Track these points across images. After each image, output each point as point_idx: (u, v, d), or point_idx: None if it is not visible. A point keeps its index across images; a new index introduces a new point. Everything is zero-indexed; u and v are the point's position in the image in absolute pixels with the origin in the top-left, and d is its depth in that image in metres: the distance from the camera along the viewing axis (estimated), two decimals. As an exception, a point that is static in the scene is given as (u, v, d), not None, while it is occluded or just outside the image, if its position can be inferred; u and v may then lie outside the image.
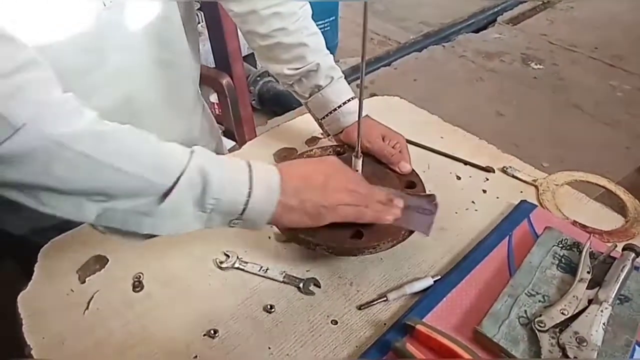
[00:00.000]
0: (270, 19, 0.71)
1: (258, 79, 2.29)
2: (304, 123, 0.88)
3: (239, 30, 0.79)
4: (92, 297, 0.60)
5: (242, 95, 1.20)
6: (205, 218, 0.50)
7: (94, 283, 0.62)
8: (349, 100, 0.75)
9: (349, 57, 2.74)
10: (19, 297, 0.59)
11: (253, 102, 2.33)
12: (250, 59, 2.26)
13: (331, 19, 2.62)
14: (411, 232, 0.63)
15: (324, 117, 0.77)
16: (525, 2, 3.46)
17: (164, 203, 0.46)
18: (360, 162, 0.68)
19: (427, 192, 0.67)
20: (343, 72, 0.77)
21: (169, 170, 0.46)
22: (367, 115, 0.76)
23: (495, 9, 3.34)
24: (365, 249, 0.60)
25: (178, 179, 0.46)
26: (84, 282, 0.62)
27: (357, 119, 0.63)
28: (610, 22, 3.15)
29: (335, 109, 0.75)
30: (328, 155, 0.74)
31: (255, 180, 0.51)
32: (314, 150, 0.75)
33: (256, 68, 2.33)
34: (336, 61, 0.77)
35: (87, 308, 0.59)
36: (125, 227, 0.48)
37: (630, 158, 2.03)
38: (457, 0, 3.55)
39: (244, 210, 0.50)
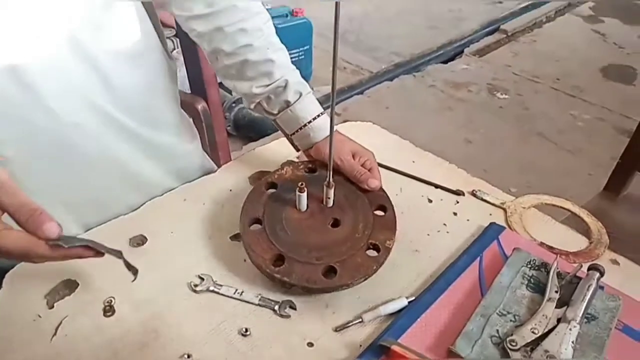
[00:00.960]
0: (236, 36, 0.72)
1: (233, 105, 2.30)
2: (279, 146, 0.88)
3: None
4: (61, 322, 0.58)
5: (218, 121, 1.20)
6: None
7: (63, 308, 0.60)
8: (318, 116, 0.76)
9: (323, 86, 2.78)
10: (-18, 324, 0.57)
11: (228, 127, 2.33)
12: (225, 86, 2.28)
13: (305, 48, 2.67)
14: (382, 264, 0.64)
15: (293, 133, 0.77)
16: (491, 35, 3.61)
17: None
18: (332, 191, 0.69)
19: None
20: (317, 99, 0.78)
21: None
22: (336, 130, 0.77)
23: (462, 41, 3.47)
24: (339, 287, 0.62)
25: None
26: (52, 307, 0.60)
27: (327, 135, 0.65)
28: (570, 56, 3.32)
29: (305, 125, 0.75)
30: (299, 173, 0.76)
31: None
32: (285, 169, 0.76)
33: (231, 95, 2.35)
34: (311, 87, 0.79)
35: (54, 334, 0.57)
36: None
37: (592, 184, 2.11)
38: (427, 32, 3.68)
39: None
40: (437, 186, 0.83)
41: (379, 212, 0.71)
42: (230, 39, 0.72)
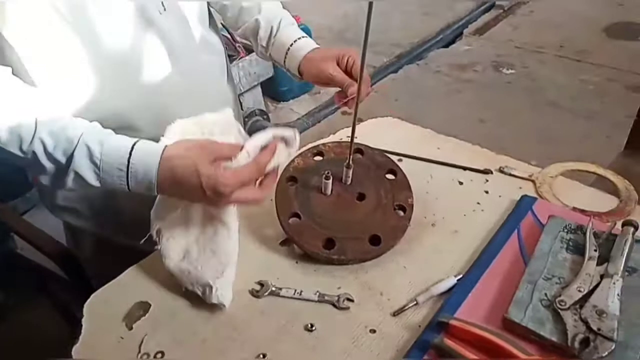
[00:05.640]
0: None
1: (246, 119, 2.36)
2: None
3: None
4: (142, 340, 0.63)
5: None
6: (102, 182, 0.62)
7: (142, 328, 0.65)
8: (300, 39, 0.84)
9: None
10: (73, 350, 0.62)
11: (245, 142, 2.39)
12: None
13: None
14: (410, 219, 0.73)
15: (284, 61, 0.85)
16: (487, 12, 3.62)
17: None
18: (351, 170, 0.75)
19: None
20: (326, 101, 0.86)
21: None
22: (317, 48, 0.83)
23: (460, 23, 3.49)
24: (387, 249, 0.71)
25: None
26: (131, 328, 0.65)
27: (310, 49, 0.80)
28: (571, 20, 3.31)
29: (289, 47, 0.84)
30: (309, 161, 0.81)
31: (131, 173, 0.61)
32: (295, 161, 0.80)
33: (242, 109, 2.41)
34: (317, 92, 0.87)
35: (139, 352, 0.62)
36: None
37: (612, 145, 2.09)
38: (423, 19, 3.71)
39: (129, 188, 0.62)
40: (465, 168, 0.86)
41: (390, 176, 0.79)
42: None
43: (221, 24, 0.98)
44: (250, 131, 2.48)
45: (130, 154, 0.60)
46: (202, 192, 0.60)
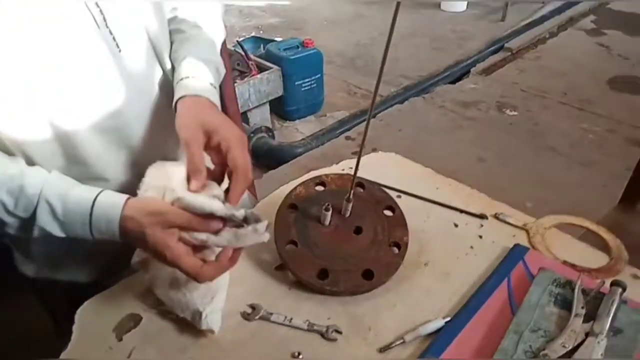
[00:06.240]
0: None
1: (252, 135, 2.39)
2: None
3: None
4: (130, 353, 0.64)
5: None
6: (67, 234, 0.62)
7: (131, 340, 0.66)
8: (185, 78, 0.72)
9: (336, 111, 2.87)
10: (61, 356, 0.63)
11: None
12: (243, 116, 2.37)
13: (317, 76, 2.77)
14: (403, 257, 0.75)
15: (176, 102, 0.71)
16: (496, 53, 3.70)
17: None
18: (350, 205, 0.77)
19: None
20: (331, 125, 0.84)
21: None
22: (202, 98, 0.70)
23: (468, 61, 3.56)
24: (379, 285, 0.73)
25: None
26: (120, 339, 0.66)
27: (180, 95, 0.69)
28: (576, 69, 3.38)
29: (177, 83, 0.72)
30: (311, 190, 0.83)
31: (94, 227, 0.61)
32: (297, 189, 0.82)
33: (249, 125, 2.43)
34: (323, 115, 0.85)
35: (126, 364, 0.63)
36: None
37: (607, 196, 2.13)
38: (432, 54, 3.79)
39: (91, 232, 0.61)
40: (461, 211, 0.88)
41: (388, 212, 0.81)
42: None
43: (237, 41, 0.94)
44: (256, 147, 2.52)
45: (92, 209, 0.60)
46: (153, 254, 0.61)
